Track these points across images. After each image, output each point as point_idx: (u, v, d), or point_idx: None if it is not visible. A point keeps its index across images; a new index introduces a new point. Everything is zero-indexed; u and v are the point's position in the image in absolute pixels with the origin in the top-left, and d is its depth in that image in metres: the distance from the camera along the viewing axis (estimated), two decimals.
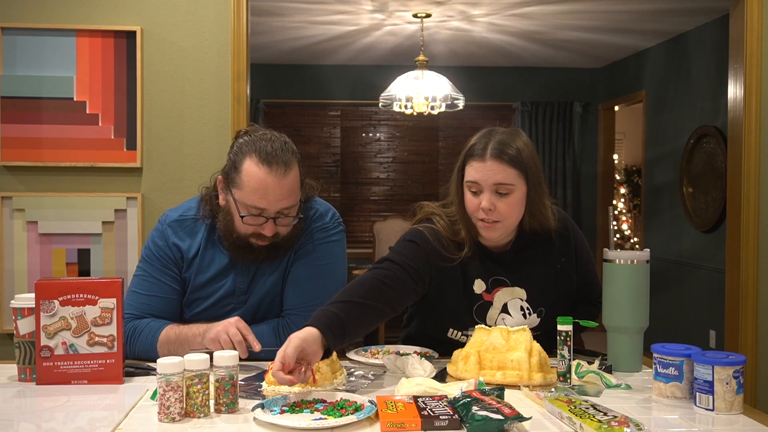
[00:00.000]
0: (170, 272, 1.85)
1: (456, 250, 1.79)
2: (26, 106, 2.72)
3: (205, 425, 1.32)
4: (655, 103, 5.84)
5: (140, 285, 1.85)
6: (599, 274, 1.81)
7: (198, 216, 1.88)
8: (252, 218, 1.73)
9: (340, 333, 1.51)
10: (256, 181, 1.69)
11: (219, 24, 2.78)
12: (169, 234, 1.87)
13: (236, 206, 1.74)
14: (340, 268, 1.89)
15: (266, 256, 1.80)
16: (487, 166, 1.71)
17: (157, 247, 1.86)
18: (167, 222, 1.89)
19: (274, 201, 1.70)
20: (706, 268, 5.03)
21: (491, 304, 1.80)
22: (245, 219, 1.73)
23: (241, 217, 1.73)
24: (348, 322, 1.54)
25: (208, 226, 1.86)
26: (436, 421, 1.27)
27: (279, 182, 1.70)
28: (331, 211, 1.93)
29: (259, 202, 1.70)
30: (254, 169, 1.69)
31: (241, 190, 1.71)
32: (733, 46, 3.06)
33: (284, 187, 1.71)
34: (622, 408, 1.41)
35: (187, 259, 1.85)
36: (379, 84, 5.49)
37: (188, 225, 1.87)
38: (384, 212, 6.91)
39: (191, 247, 1.86)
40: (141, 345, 1.76)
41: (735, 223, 3.03)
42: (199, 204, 1.89)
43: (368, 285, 1.66)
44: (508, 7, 4.73)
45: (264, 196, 1.69)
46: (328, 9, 4.75)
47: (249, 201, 1.70)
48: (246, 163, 1.71)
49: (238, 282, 1.84)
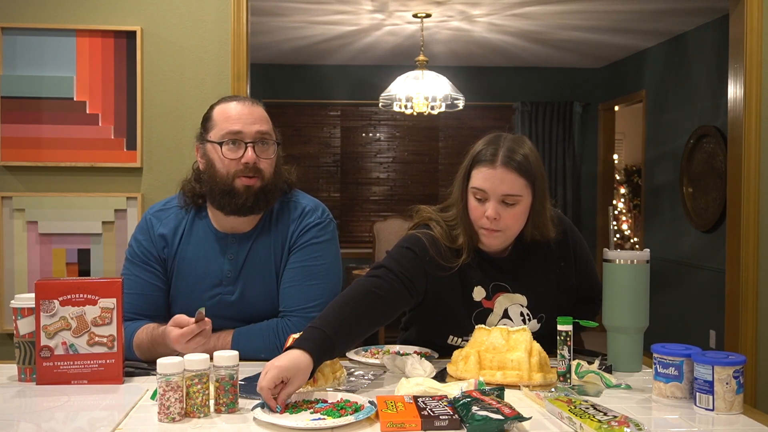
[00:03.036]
0: (152, 269, 1.85)
1: (453, 257, 1.76)
2: (26, 106, 2.72)
3: (205, 425, 1.32)
4: (655, 103, 5.84)
5: (124, 284, 1.85)
6: (599, 274, 1.80)
7: (181, 204, 1.90)
8: (231, 148, 1.76)
9: (330, 355, 1.50)
10: (228, 110, 1.79)
11: (219, 24, 2.78)
12: (153, 224, 1.88)
13: (214, 146, 1.78)
14: (335, 266, 1.88)
15: (254, 203, 1.78)
16: (497, 174, 1.68)
17: (138, 244, 1.87)
18: (151, 213, 1.91)
19: (247, 123, 1.77)
20: (706, 268, 5.03)
21: (491, 310, 1.79)
22: (224, 150, 1.76)
23: (220, 145, 1.76)
24: (339, 343, 1.51)
25: (192, 213, 1.88)
26: (436, 421, 1.27)
27: (249, 108, 1.80)
28: (320, 207, 1.91)
29: (233, 126, 1.76)
30: (223, 105, 1.81)
31: (215, 127, 1.79)
32: (733, 46, 3.06)
33: (255, 113, 1.80)
34: (622, 408, 1.41)
35: (172, 246, 1.85)
36: (379, 84, 5.49)
37: (172, 212, 1.90)
38: (384, 212, 6.91)
39: (176, 232, 1.86)
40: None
41: (735, 223, 3.03)
42: (180, 195, 1.91)
43: (363, 298, 1.63)
44: (508, 7, 4.73)
45: (238, 119, 1.77)
46: (328, 9, 4.76)
47: (224, 130, 1.77)
48: (215, 108, 1.83)
49: (226, 270, 1.83)
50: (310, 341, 1.46)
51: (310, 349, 1.44)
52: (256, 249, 1.84)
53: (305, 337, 1.48)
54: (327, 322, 1.52)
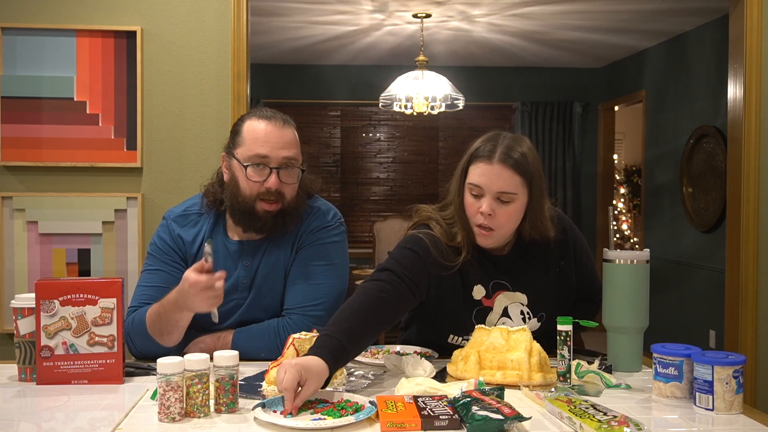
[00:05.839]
0: (175, 263, 1.86)
1: (454, 256, 1.76)
2: (26, 106, 2.72)
3: (205, 425, 1.32)
4: (655, 103, 5.84)
5: (146, 278, 1.87)
6: (599, 274, 1.80)
7: (201, 210, 1.91)
8: (256, 170, 1.76)
9: (342, 363, 1.50)
10: (257, 131, 1.78)
11: (219, 24, 2.78)
12: (174, 228, 1.89)
13: (240, 164, 1.78)
14: (342, 268, 1.89)
15: (273, 224, 1.80)
16: (494, 170, 1.68)
17: (162, 241, 1.89)
18: (171, 217, 1.92)
19: (275, 148, 1.77)
20: (706, 268, 5.03)
21: (491, 309, 1.79)
22: (249, 172, 1.76)
23: (245, 167, 1.76)
24: (352, 352, 1.52)
25: (212, 220, 1.89)
26: (436, 421, 1.27)
27: (279, 131, 1.79)
28: (332, 211, 1.94)
29: (260, 149, 1.76)
30: (254, 123, 1.80)
31: (243, 146, 1.78)
32: (733, 46, 3.06)
33: (284, 137, 1.79)
34: (622, 408, 1.41)
35: (191, 251, 1.87)
36: (379, 84, 5.49)
37: (192, 218, 1.91)
38: (384, 212, 6.91)
39: (196, 239, 1.88)
40: (137, 334, 1.76)
41: (735, 223, 3.03)
42: (202, 198, 1.92)
43: (373, 305, 1.62)
44: (508, 7, 4.73)
45: (265, 142, 1.77)
46: (328, 9, 4.76)
47: (251, 151, 1.77)
48: (246, 123, 1.82)
49: (241, 277, 1.84)
50: (325, 349, 1.45)
51: (326, 357, 1.42)
52: (269, 255, 1.85)
53: (320, 345, 1.47)
54: (340, 330, 1.51)
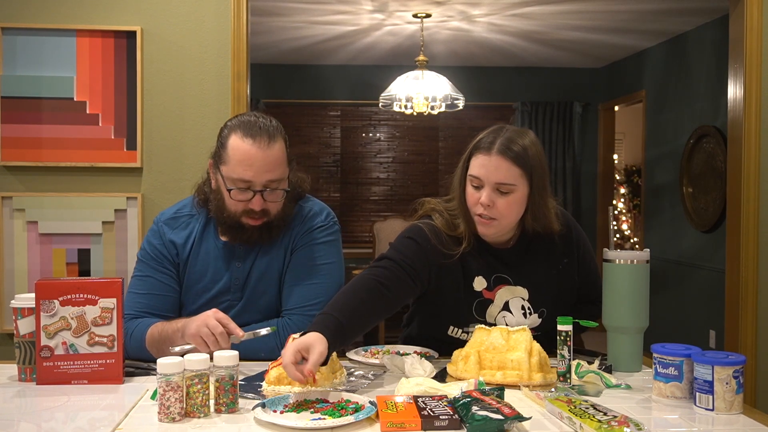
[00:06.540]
0: (166, 270, 1.86)
1: (455, 245, 1.78)
2: (26, 106, 2.72)
3: (205, 425, 1.32)
4: (655, 103, 5.84)
5: (136, 285, 1.86)
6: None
7: (192, 212, 1.90)
8: (240, 192, 1.75)
9: (341, 339, 1.52)
10: (241, 153, 1.73)
11: (219, 24, 2.78)
12: (164, 231, 1.88)
13: (224, 182, 1.76)
14: (338, 268, 1.89)
15: (259, 237, 1.80)
16: (492, 161, 1.70)
17: (152, 246, 1.88)
18: (162, 220, 1.91)
19: (259, 172, 1.73)
20: (706, 268, 5.03)
21: (491, 301, 1.80)
22: (233, 193, 1.75)
23: (228, 191, 1.75)
24: (349, 328, 1.54)
25: (202, 221, 1.88)
26: (436, 421, 1.27)
27: (263, 153, 1.73)
28: (326, 211, 1.93)
29: (244, 174, 1.73)
30: (239, 142, 1.74)
31: (228, 165, 1.75)
32: (733, 46, 3.06)
33: (269, 158, 1.74)
34: (622, 408, 1.41)
35: (183, 254, 1.87)
36: (379, 84, 5.49)
37: (183, 220, 1.90)
38: (384, 212, 6.91)
39: (187, 241, 1.87)
40: (133, 347, 1.76)
41: (735, 223, 3.03)
42: (193, 199, 1.91)
43: (368, 287, 1.66)
44: (508, 7, 4.73)
45: (249, 166, 1.73)
46: (328, 9, 4.76)
47: (235, 174, 1.74)
48: (231, 138, 1.76)
49: (234, 279, 1.84)
50: (321, 325, 1.49)
51: (322, 330, 1.47)
52: (262, 256, 1.85)
53: (316, 322, 1.51)
54: (336, 309, 1.56)
